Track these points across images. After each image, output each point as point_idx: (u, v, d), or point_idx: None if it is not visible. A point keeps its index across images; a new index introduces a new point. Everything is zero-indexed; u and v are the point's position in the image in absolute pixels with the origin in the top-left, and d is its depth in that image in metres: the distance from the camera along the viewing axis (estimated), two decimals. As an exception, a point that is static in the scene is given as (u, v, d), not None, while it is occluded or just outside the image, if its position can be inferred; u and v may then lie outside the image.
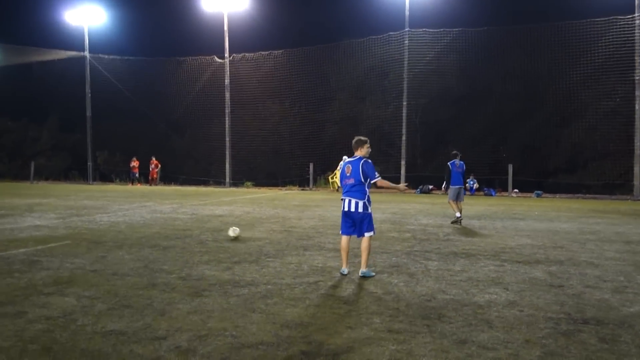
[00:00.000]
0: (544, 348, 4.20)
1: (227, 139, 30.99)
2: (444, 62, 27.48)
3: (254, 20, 30.98)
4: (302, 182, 30.12)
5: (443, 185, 13.44)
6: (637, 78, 22.92)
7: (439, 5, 26.87)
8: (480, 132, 30.82)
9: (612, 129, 27.42)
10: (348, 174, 6.91)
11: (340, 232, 7.05)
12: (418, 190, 25.32)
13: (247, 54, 30.23)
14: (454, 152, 13.29)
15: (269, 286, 6.29)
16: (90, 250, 8.65)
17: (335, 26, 37.91)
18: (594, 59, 24.24)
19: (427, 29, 26.43)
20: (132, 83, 32.87)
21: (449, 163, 13.04)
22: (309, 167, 28.69)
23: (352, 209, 6.83)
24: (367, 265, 6.90)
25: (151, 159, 31.71)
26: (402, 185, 7.69)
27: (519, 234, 10.85)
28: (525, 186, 26.22)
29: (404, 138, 27.02)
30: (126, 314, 5.16)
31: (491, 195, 24.22)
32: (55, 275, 6.85)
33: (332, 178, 26.21)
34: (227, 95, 30.71)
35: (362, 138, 7.01)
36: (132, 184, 31.02)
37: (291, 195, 24.21)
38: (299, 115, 32.41)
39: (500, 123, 31.19)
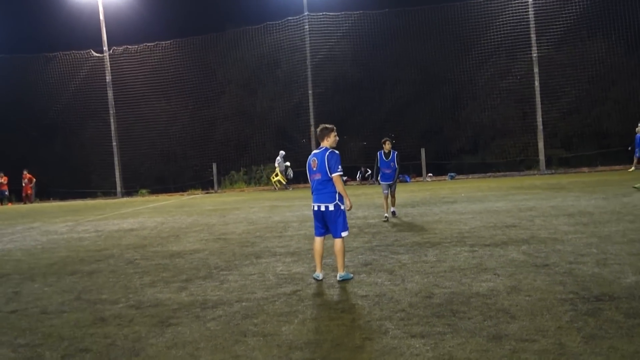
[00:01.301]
0: (582, 332, 4.22)
1: (114, 143, 28.95)
2: (345, 47, 27.84)
3: (133, 9, 29.10)
4: (204, 185, 29.05)
5: (369, 174, 13.26)
6: (534, 56, 24.87)
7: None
8: (382, 119, 31.66)
9: (508, 108, 29.60)
10: (314, 168, 6.55)
11: (314, 234, 6.70)
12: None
13: (129, 47, 28.37)
14: (385, 139, 12.13)
15: (244, 303, 5.80)
16: (-5, 287, 7.49)
17: (227, 12, 36.82)
18: (492, 39, 25.88)
19: (327, 12, 26.59)
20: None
21: (378, 152, 12.05)
22: (211, 168, 27.70)
23: (323, 208, 6.50)
24: (344, 267, 6.62)
25: (23, 173, 28.80)
26: (349, 203, 6.51)
27: (465, 217, 11.19)
28: (430, 169, 27.27)
29: (312, 129, 27.01)
30: (91, 360, 4.43)
31: (406, 181, 25.02)
32: (-35, 323, 5.78)
33: (275, 177, 25.42)
34: (110, 93, 28.65)
35: (328, 126, 6.68)
36: (2, 203, 27.93)
37: (198, 200, 23.22)
38: (189, 113, 31.13)
39: (400, 107, 32.27)
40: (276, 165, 25.30)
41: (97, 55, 28.42)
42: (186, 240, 10.77)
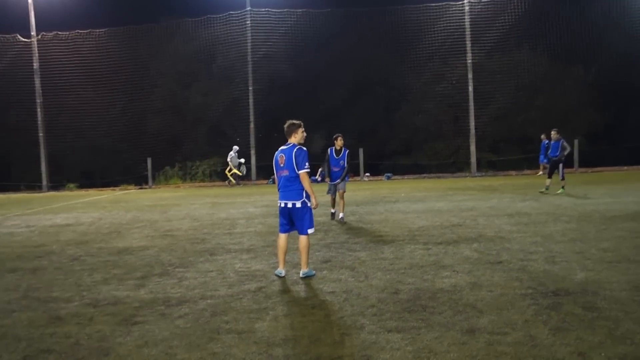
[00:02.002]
0: (548, 324, 4.47)
1: (41, 134, 27.35)
2: (286, 45, 27.77)
3: (65, -8, 27.57)
4: (136, 180, 28.07)
5: (318, 173, 11.80)
6: (469, 62, 25.89)
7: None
8: (318, 118, 31.82)
9: (441, 111, 30.63)
10: (282, 165, 6.52)
11: (279, 230, 6.67)
12: (270, 180, 25.36)
13: (60, 33, 26.89)
14: (337, 135, 11.34)
15: (209, 300, 5.69)
16: None
17: (166, 1, 35.33)
18: (429, 44, 26.69)
19: (270, 9, 26.41)
20: None
21: (329, 149, 11.39)
22: (145, 163, 26.80)
23: (290, 205, 6.47)
24: (307, 264, 6.64)
25: None
26: (314, 201, 6.50)
27: (410, 216, 11.48)
28: (365, 170, 27.63)
29: (252, 126, 26.78)
30: (57, 361, 4.21)
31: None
32: None
33: (229, 172, 24.69)
34: (37, 81, 27.01)
35: (295, 122, 6.66)
36: None
37: (133, 195, 22.42)
38: (121, 105, 29.89)
39: (336, 108, 32.58)
40: (228, 160, 24.72)
41: (24, 40, 26.77)
42: (130, 236, 10.39)
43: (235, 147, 25.10)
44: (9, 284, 6.84)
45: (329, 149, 11.44)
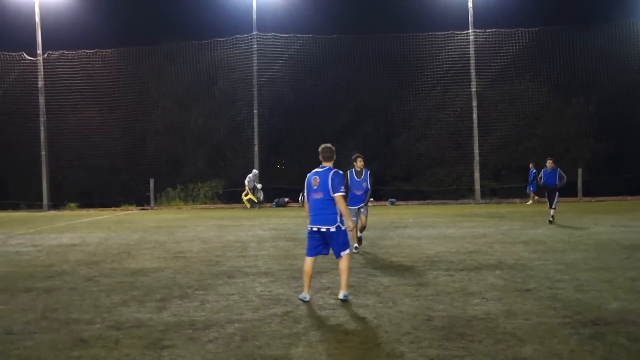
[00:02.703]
0: (595, 355, 4.35)
1: (43, 152, 27.18)
2: (292, 69, 27.94)
3: (74, 12, 27.74)
4: (137, 201, 27.87)
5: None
6: (473, 90, 26.09)
7: (289, 8, 27.22)
8: (323, 142, 31.81)
9: (443, 138, 30.77)
10: (315, 187, 6.42)
11: (306, 254, 6.55)
12: (274, 203, 25.22)
13: (66, 52, 26.97)
14: (356, 155, 10.44)
15: (237, 324, 5.53)
16: (-62, 304, 6.73)
17: (172, 24, 35.57)
18: (433, 72, 26.94)
19: (276, 34, 26.65)
20: None
21: (348, 171, 10.24)
22: (148, 184, 26.64)
23: (324, 230, 6.36)
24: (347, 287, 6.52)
25: None
26: (350, 224, 6.50)
27: (423, 242, 11.37)
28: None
29: (256, 149, 26.75)
30: (91, 385, 4.03)
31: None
32: None
33: (246, 195, 24.26)
34: (42, 100, 26.97)
35: (332, 147, 6.59)
36: None
37: (136, 216, 22.22)
38: (122, 126, 29.85)
39: (338, 132, 32.65)
40: (246, 183, 24.35)
41: (30, 58, 26.80)
42: (141, 257, 10.22)
43: (255, 171, 24.84)
44: (25, 304, 6.66)
45: (348, 172, 10.18)
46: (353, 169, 10.42)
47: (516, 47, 26.58)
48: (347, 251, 6.45)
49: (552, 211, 14.89)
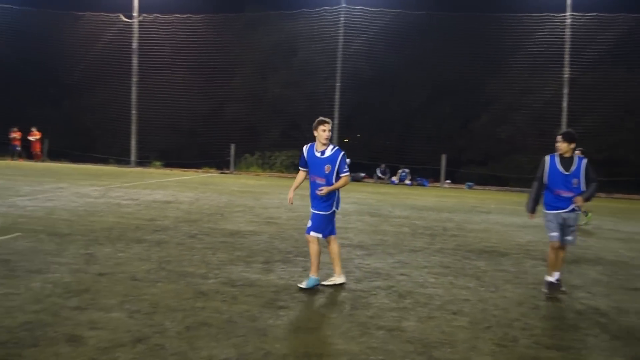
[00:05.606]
0: None
1: (134, 111, 28.54)
2: (374, 43, 27.63)
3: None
4: (216, 164, 28.77)
5: (526, 203, 7.00)
6: (565, 76, 24.91)
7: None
8: (395, 118, 31.50)
9: (528, 124, 29.64)
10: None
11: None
12: (350, 177, 25.30)
13: (159, 16, 27.94)
14: (565, 131, 6.62)
15: (344, 293, 5.76)
16: (62, 246, 7.38)
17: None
18: (525, 54, 25.89)
19: (364, 7, 26.37)
20: (13, 39, 28.87)
21: (547, 157, 6.55)
22: (229, 149, 27.45)
23: None
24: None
25: (31, 130, 28.32)
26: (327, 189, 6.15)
27: (511, 229, 11.18)
28: (434, 175, 27.09)
29: (336, 122, 26.85)
30: (221, 338, 4.34)
31: (423, 185, 24.99)
32: (57, 281, 5.68)
33: None
34: (135, 60, 28.18)
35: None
36: (13, 158, 27.46)
37: (218, 179, 23.02)
38: (206, 90, 30.66)
39: (416, 110, 32.17)
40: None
41: (126, 20, 27.97)
42: (234, 220, 10.64)
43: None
44: (140, 254, 7.16)
45: (547, 158, 6.54)
46: (555, 155, 6.54)
47: (616, 33, 25.02)
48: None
49: None
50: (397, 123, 31.65)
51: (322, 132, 6.02)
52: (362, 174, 25.78)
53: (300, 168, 6.42)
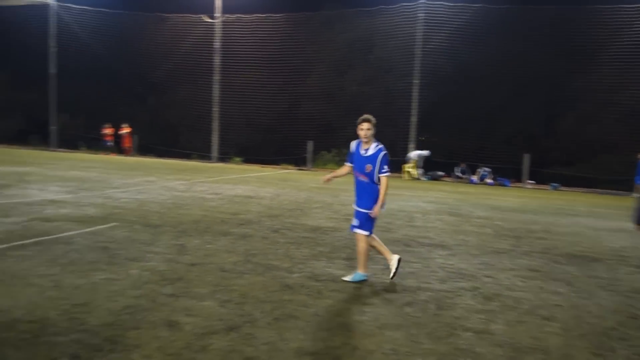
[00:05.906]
0: None
1: (215, 109, 29.64)
2: (454, 39, 27.01)
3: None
4: (293, 161, 29.28)
5: (632, 214, 6.38)
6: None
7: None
8: (475, 117, 30.66)
9: (619, 123, 27.92)
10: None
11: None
12: (429, 176, 24.93)
13: (241, 16, 28.81)
14: None
15: (428, 293, 5.72)
16: (155, 236, 7.79)
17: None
18: (617, 49, 24.44)
19: (444, 2, 25.87)
20: (105, 39, 30.79)
21: None
22: (306, 146, 27.86)
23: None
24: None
25: (122, 126, 30.06)
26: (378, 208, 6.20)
27: (603, 234, 10.64)
28: (516, 175, 26.08)
29: (414, 119, 26.56)
30: (308, 331, 4.44)
31: (505, 185, 24.20)
32: (153, 269, 6.01)
33: (408, 168, 24.68)
34: (217, 59, 29.26)
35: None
36: (107, 153, 29.30)
37: (296, 175, 23.42)
38: (280, 88, 31.21)
39: (497, 108, 31.14)
40: (412, 156, 24.34)
41: (209, 20, 29.05)
42: (314, 215, 10.80)
43: (427, 152, 24.59)
44: (227, 246, 7.43)
45: None
46: None
47: None
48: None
49: None
50: (477, 121, 30.85)
51: (360, 131, 6.04)
52: (441, 173, 25.34)
53: (345, 163, 6.41)
